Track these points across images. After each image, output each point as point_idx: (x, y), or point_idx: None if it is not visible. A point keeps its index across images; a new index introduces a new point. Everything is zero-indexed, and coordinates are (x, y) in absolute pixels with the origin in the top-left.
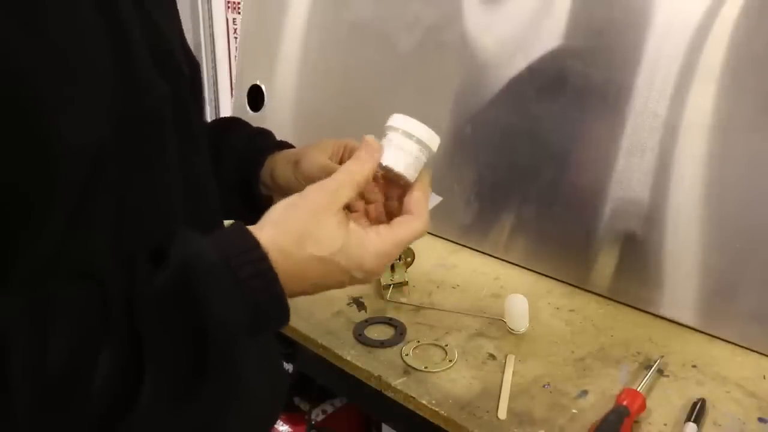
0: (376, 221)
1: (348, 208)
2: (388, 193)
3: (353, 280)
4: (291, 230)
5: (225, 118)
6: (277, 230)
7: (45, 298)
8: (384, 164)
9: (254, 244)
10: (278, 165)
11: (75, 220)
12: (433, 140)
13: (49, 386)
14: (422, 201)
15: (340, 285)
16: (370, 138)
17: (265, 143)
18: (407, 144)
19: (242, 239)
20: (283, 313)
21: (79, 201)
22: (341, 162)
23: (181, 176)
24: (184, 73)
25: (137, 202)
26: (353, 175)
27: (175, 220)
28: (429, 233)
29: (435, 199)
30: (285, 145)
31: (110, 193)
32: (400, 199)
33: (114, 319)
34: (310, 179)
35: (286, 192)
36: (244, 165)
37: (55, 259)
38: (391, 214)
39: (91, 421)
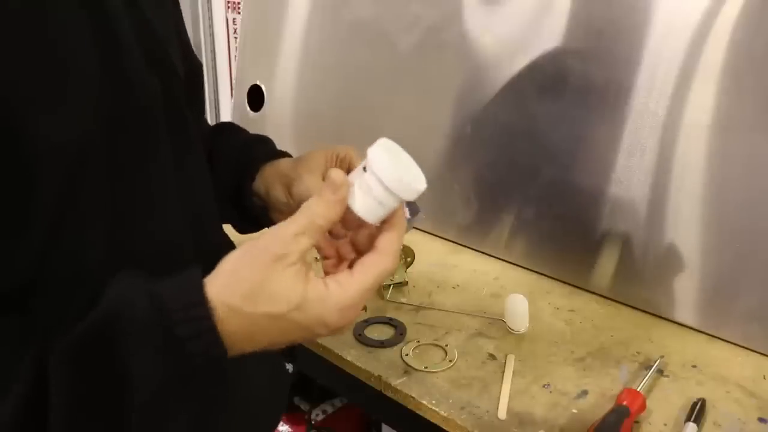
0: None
1: (317, 249)
2: (356, 229)
3: (317, 336)
4: (242, 285)
5: (221, 124)
6: (228, 283)
7: None
8: (351, 207)
9: (198, 300)
10: (272, 186)
11: (60, 224)
12: (410, 191)
13: None
14: (393, 240)
15: (302, 340)
16: (336, 174)
17: (258, 153)
18: (382, 194)
19: (187, 291)
20: (219, 378)
21: (63, 203)
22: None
23: (175, 176)
24: (178, 71)
25: (131, 203)
26: (315, 218)
27: (170, 222)
28: (429, 233)
29: (419, 218)
30: (279, 154)
31: (99, 194)
32: (370, 237)
33: (26, 363)
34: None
35: (282, 211)
36: (237, 175)
37: (43, 266)
38: (359, 249)
39: None
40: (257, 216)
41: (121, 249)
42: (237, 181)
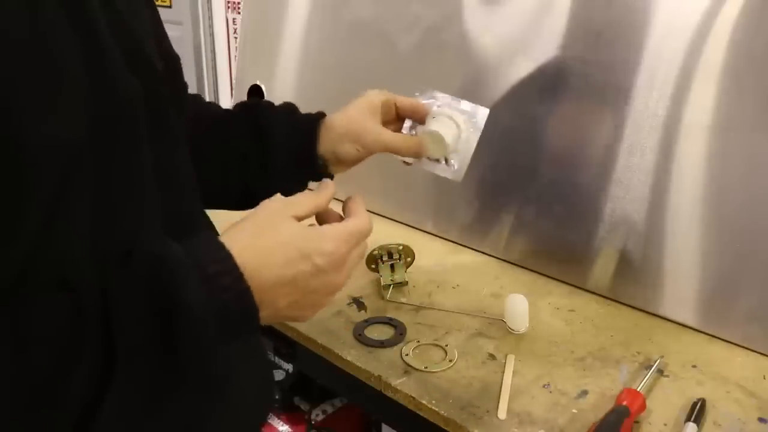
0: None
1: None
2: None
3: (318, 272)
4: (249, 227)
5: (244, 104)
6: (236, 230)
7: (22, 305)
8: (439, 133)
9: (219, 245)
10: (339, 145)
11: (51, 223)
12: (481, 114)
13: (32, 392)
14: (362, 210)
15: (306, 279)
16: (328, 181)
17: (310, 123)
18: (457, 116)
19: (207, 242)
20: (251, 312)
21: (54, 202)
22: (398, 115)
23: (157, 172)
24: (157, 68)
25: (112, 200)
26: (306, 197)
27: (152, 217)
28: (429, 233)
29: (483, 112)
30: (320, 116)
31: (85, 193)
32: None
33: (89, 323)
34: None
35: (346, 163)
36: (299, 148)
37: (33, 263)
38: None
39: (68, 422)
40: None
41: (105, 242)
42: (300, 152)
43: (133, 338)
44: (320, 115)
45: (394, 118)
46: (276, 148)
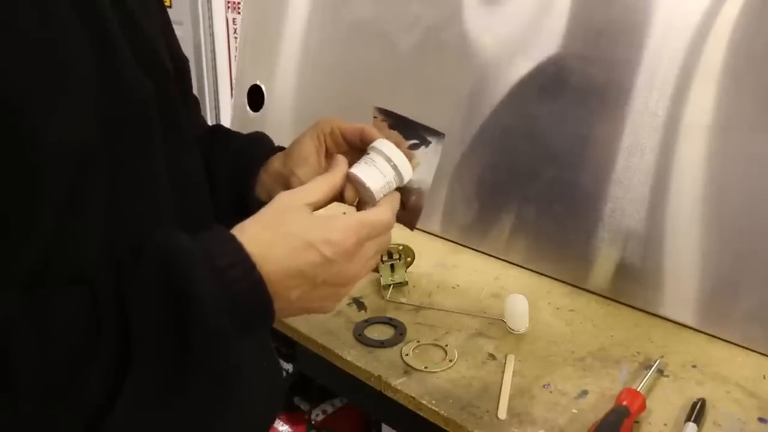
0: None
1: None
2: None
3: (326, 262)
4: (259, 220)
5: (214, 129)
6: (245, 223)
7: (42, 301)
8: (361, 179)
9: (229, 237)
10: (273, 190)
11: (64, 222)
12: (407, 171)
13: (51, 385)
14: (388, 203)
15: (314, 269)
16: (340, 156)
17: (252, 160)
18: (386, 167)
19: (217, 234)
20: (265, 302)
21: (68, 203)
22: (327, 151)
23: (169, 173)
24: (168, 69)
25: (125, 201)
26: (319, 182)
27: (164, 217)
28: (429, 233)
29: (440, 141)
30: (271, 153)
31: (99, 193)
32: None
33: (104, 318)
34: None
35: None
36: (238, 189)
37: (47, 262)
38: None
39: (84, 416)
40: None
41: (119, 240)
42: (238, 194)
43: (146, 331)
44: (267, 155)
45: (345, 147)
46: (218, 188)
